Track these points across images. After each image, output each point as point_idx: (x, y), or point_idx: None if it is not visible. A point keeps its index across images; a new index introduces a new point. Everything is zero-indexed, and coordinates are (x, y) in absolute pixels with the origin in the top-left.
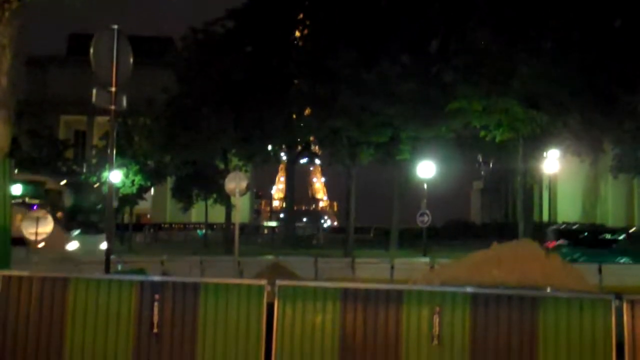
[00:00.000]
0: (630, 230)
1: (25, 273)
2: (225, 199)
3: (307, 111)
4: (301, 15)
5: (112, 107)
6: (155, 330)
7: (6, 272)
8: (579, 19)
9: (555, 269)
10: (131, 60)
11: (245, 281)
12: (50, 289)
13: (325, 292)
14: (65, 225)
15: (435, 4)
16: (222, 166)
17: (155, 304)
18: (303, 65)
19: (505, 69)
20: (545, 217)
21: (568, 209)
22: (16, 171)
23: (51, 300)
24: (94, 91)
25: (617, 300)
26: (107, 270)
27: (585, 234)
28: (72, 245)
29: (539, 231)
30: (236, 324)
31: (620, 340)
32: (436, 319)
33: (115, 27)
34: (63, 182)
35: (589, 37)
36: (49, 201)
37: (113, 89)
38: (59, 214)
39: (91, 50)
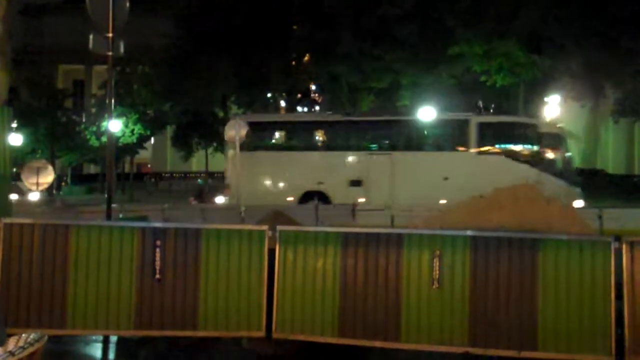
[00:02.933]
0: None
1: (27, 220)
2: (225, 147)
3: (307, 57)
4: None
5: (110, 53)
6: (157, 276)
7: (8, 220)
8: None
9: (555, 213)
10: (128, 5)
11: (247, 227)
12: (52, 236)
13: (326, 237)
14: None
15: None
16: (221, 114)
17: (157, 250)
18: (303, 9)
19: (507, 11)
20: None
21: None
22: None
23: (53, 247)
24: (91, 37)
25: (616, 242)
26: (109, 218)
27: None
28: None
29: None
30: (238, 270)
31: (619, 281)
32: (436, 262)
33: None
34: (559, 125)
35: None
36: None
37: (110, 35)
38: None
39: None
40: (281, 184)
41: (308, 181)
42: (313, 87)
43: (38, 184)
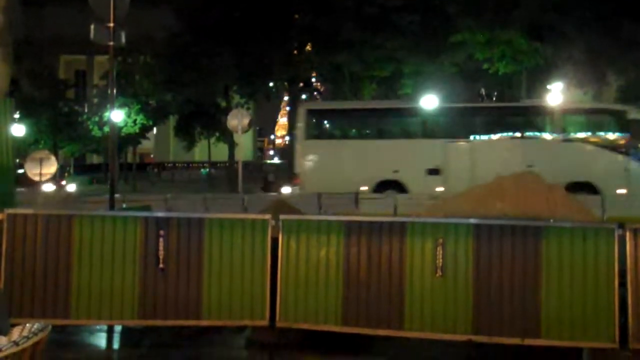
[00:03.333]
0: None
1: (30, 211)
2: (228, 137)
3: (309, 46)
4: None
5: (111, 43)
6: (161, 265)
7: (12, 210)
8: None
9: (558, 201)
10: None
11: (250, 216)
12: (55, 226)
13: (329, 226)
14: None
15: None
16: (224, 104)
17: (161, 239)
18: None
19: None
20: None
21: None
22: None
23: (57, 237)
24: (92, 27)
25: (619, 229)
26: (112, 208)
27: None
28: None
29: None
30: (241, 259)
31: (622, 269)
32: (439, 251)
33: None
34: None
35: None
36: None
37: (111, 25)
38: None
39: None
40: (354, 173)
41: (383, 170)
42: (315, 77)
43: (41, 174)
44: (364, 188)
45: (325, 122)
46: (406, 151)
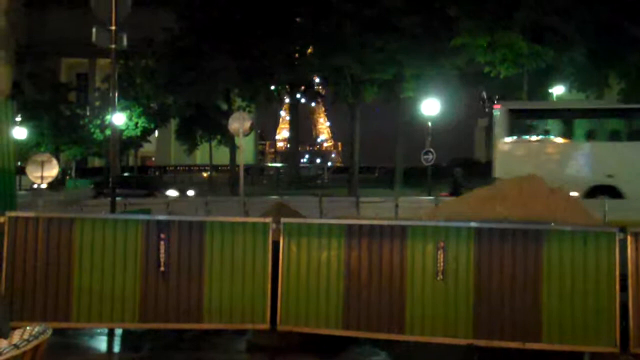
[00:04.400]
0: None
1: (31, 214)
2: (229, 140)
3: (310, 49)
4: None
5: (113, 45)
6: (162, 268)
7: (13, 213)
8: None
9: (559, 204)
10: None
11: (251, 219)
12: (56, 229)
13: (330, 229)
14: None
15: None
16: (225, 107)
17: (162, 242)
18: (305, 1)
19: (509, 1)
20: None
21: None
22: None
23: (58, 240)
24: (94, 30)
25: (621, 233)
26: (113, 211)
27: None
28: None
29: None
30: (242, 262)
31: (623, 273)
32: (440, 254)
33: None
34: None
35: None
36: None
37: (113, 28)
38: None
39: None
40: (561, 177)
41: (595, 174)
42: (316, 79)
43: (42, 177)
44: (573, 194)
45: (528, 122)
46: (623, 154)
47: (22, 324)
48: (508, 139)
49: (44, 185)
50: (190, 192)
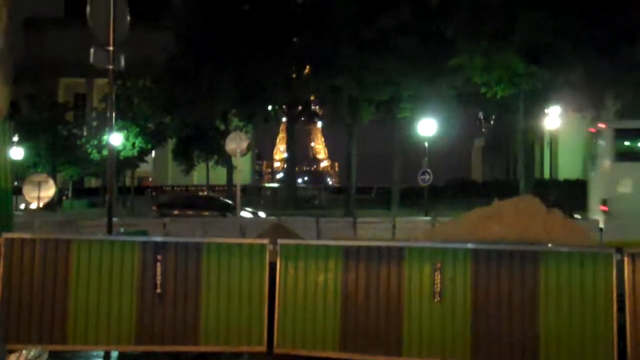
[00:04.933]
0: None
1: (27, 235)
2: (226, 160)
3: (307, 69)
4: None
5: (110, 66)
6: (158, 290)
7: (9, 235)
8: None
9: (556, 225)
10: (128, 18)
11: (247, 240)
12: (53, 251)
13: (327, 250)
14: None
15: None
16: (222, 127)
17: (158, 264)
18: (302, 22)
19: (505, 22)
20: (547, 175)
21: (569, 166)
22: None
23: (54, 261)
24: (92, 50)
25: (618, 254)
26: (110, 232)
27: None
28: None
29: (540, 188)
30: (239, 284)
31: (621, 294)
32: (438, 276)
33: None
34: None
35: None
36: None
37: (111, 48)
38: None
39: (88, 8)
40: None
41: None
42: (313, 100)
43: (39, 198)
44: None
45: (635, 142)
46: None
47: (18, 346)
48: (615, 160)
49: (33, 205)
50: (262, 214)
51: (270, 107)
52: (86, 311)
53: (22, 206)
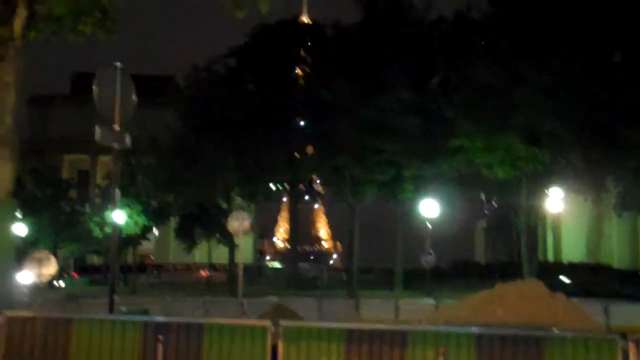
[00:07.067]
0: None
1: (29, 314)
2: (228, 239)
3: (309, 148)
4: (302, 53)
5: (116, 145)
6: None
7: (11, 313)
8: (578, 54)
9: (560, 309)
10: (134, 97)
11: (249, 322)
12: (54, 330)
13: (329, 333)
14: None
15: (435, 40)
16: (225, 205)
17: (159, 344)
18: (304, 101)
19: (506, 104)
20: (550, 257)
21: (572, 248)
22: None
23: (55, 340)
24: (97, 129)
25: (622, 339)
26: (111, 311)
27: None
28: None
29: (544, 270)
30: None
31: None
32: None
33: (118, 64)
34: None
35: (588, 72)
36: None
37: (116, 127)
38: None
39: (94, 88)
40: None
41: None
42: (316, 178)
43: (40, 275)
44: None
45: None
46: None
47: None
48: None
49: (34, 282)
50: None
51: (272, 186)
52: None
53: (23, 282)
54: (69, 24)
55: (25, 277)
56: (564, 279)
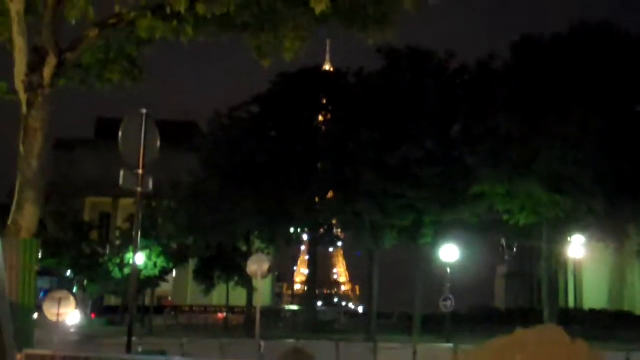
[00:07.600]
0: None
1: (47, 352)
2: (246, 281)
3: (330, 194)
4: (324, 100)
5: (139, 189)
6: None
7: (30, 351)
8: (600, 104)
9: (581, 357)
10: (158, 143)
11: None
12: None
13: None
14: None
15: (458, 90)
16: (244, 248)
17: None
18: (326, 149)
19: (528, 153)
20: (572, 303)
21: (594, 295)
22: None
23: None
24: (122, 173)
25: None
26: (129, 351)
27: None
28: None
29: (565, 317)
30: None
31: None
32: None
33: (144, 111)
34: None
35: (611, 122)
36: None
37: (140, 172)
38: None
39: (120, 134)
40: None
41: None
42: (335, 224)
43: (59, 314)
44: None
45: None
46: None
47: None
48: None
49: (50, 321)
50: None
51: (292, 230)
52: None
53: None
54: (97, 72)
55: (45, 316)
56: None
